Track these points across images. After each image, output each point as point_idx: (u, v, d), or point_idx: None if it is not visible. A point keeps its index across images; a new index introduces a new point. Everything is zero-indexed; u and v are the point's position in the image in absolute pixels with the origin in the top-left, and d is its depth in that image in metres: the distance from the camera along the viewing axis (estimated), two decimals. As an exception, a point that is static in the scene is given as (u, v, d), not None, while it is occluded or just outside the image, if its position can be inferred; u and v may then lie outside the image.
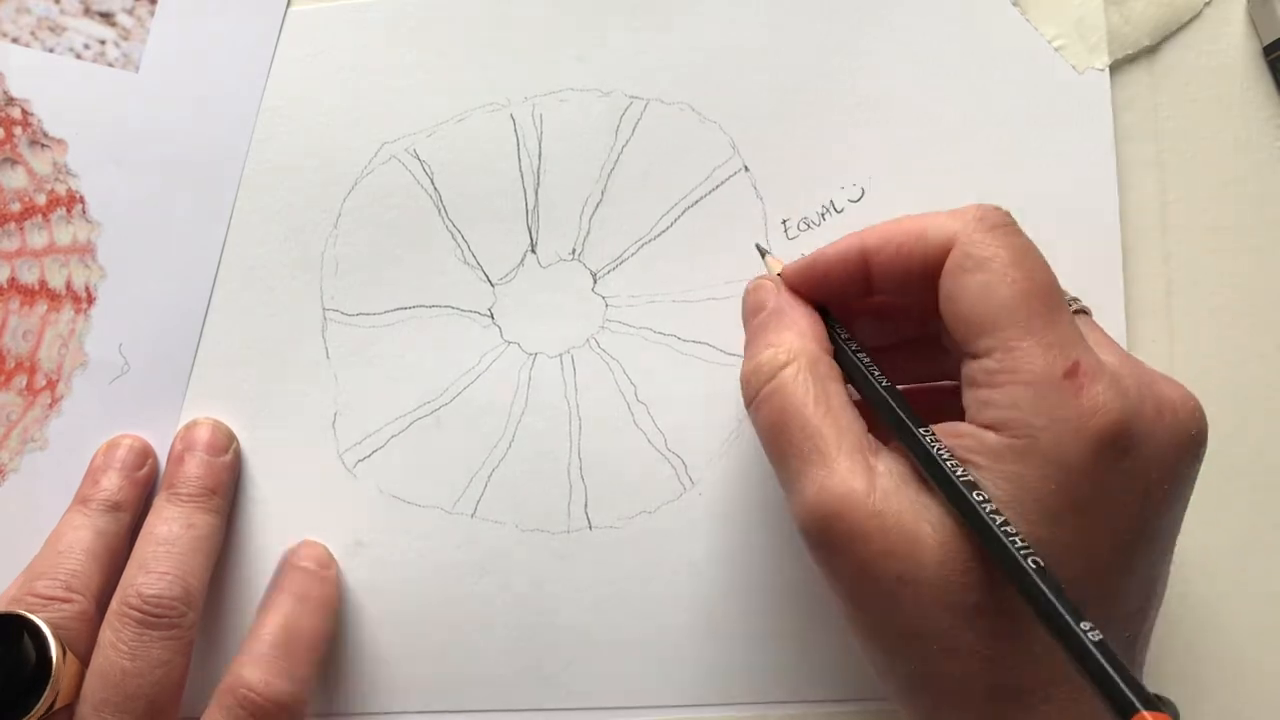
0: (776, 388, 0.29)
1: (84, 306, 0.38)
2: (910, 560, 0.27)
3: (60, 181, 0.38)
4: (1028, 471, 0.26)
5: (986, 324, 0.27)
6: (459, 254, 0.38)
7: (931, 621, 0.27)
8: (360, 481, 0.38)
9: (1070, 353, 0.27)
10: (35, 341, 0.37)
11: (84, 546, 0.34)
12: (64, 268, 0.38)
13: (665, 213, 0.37)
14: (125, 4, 0.37)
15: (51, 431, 0.38)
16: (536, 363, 0.38)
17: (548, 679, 0.37)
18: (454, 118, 0.38)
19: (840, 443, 0.28)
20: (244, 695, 0.32)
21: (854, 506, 0.27)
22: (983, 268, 0.28)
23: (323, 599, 0.36)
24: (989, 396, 0.27)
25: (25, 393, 0.38)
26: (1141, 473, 0.27)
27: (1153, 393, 0.28)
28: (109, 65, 0.38)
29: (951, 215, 0.29)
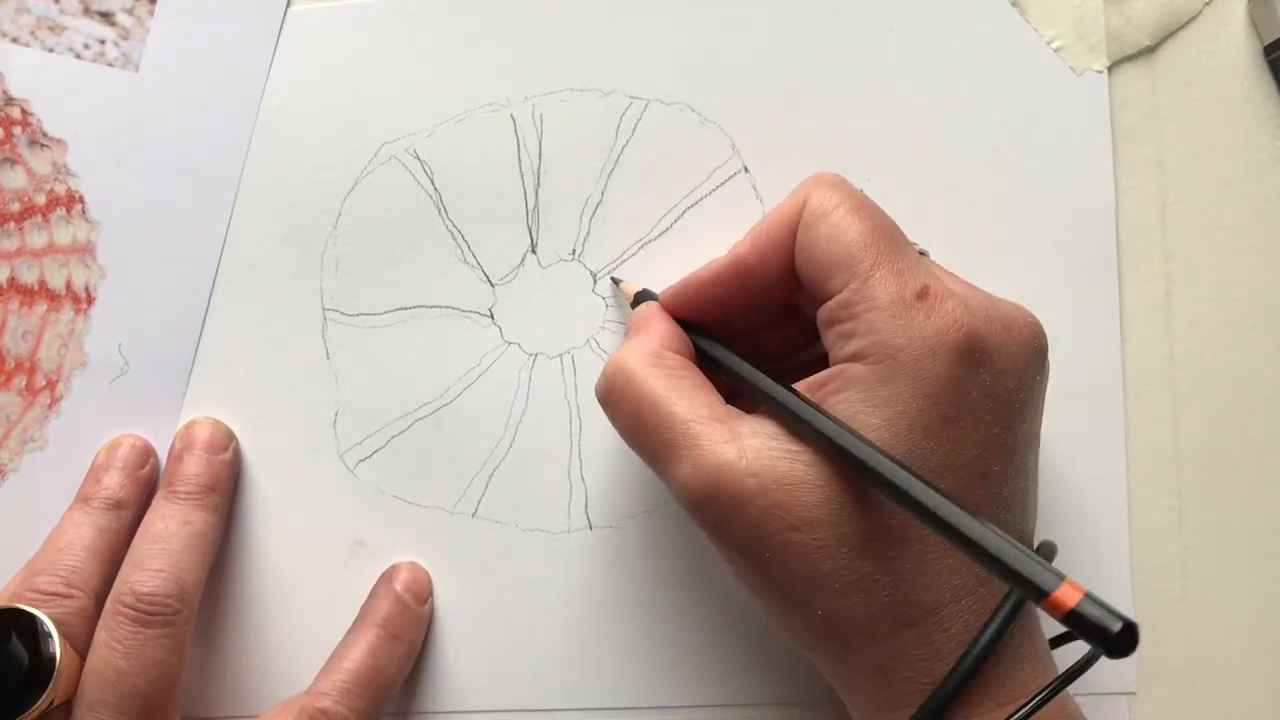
0: (625, 387, 0.31)
1: (84, 306, 0.37)
2: (796, 508, 0.28)
3: (60, 181, 0.38)
4: (896, 392, 0.28)
5: (838, 262, 0.29)
6: (459, 254, 0.38)
7: (829, 561, 0.28)
8: (361, 481, 0.38)
9: (919, 277, 0.29)
10: (35, 341, 0.37)
11: (85, 543, 0.34)
12: (64, 268, 0.38)
13: (665, 213, 0.38)
14: (125, 3, 0.37)
15: (51, 431, 0.38)
16: (537, 363, 0.38)
17: (547, 678, 0.37)
18: (454, 118, 0.38)
19: (700, 419, 0.29)
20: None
21: (729, 473, 0.28)
22: (829, 215, 0.30)
23: (412, 646, 0.36)
24: (847, 329, 0.29)
25: (25, 393, 0.37)
26: (998, 383, 0.28)
27: (997, 311, 0.29)
28: (109, 65, 0.38)
29: (793, 193, 0.31)
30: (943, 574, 0.28)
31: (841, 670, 0.30)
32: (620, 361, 0.31)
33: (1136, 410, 0.37)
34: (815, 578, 0.28)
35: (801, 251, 0.30)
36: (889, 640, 0.28)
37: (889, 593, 0.28)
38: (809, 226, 0.30)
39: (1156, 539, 0.37)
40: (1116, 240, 0.37)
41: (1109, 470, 0.37)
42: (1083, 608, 0.23)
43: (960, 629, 0.28)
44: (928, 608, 0.28)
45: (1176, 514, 0.37)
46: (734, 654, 0.37)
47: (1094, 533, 0.37)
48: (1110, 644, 0.22)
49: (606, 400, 0.32)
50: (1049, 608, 0.23)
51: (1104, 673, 0.36)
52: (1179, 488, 0.37)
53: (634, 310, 0.34)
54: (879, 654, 0.28)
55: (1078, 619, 0.23)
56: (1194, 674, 0.37)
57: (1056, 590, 0.23)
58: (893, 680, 0.28)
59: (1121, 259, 0.37)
